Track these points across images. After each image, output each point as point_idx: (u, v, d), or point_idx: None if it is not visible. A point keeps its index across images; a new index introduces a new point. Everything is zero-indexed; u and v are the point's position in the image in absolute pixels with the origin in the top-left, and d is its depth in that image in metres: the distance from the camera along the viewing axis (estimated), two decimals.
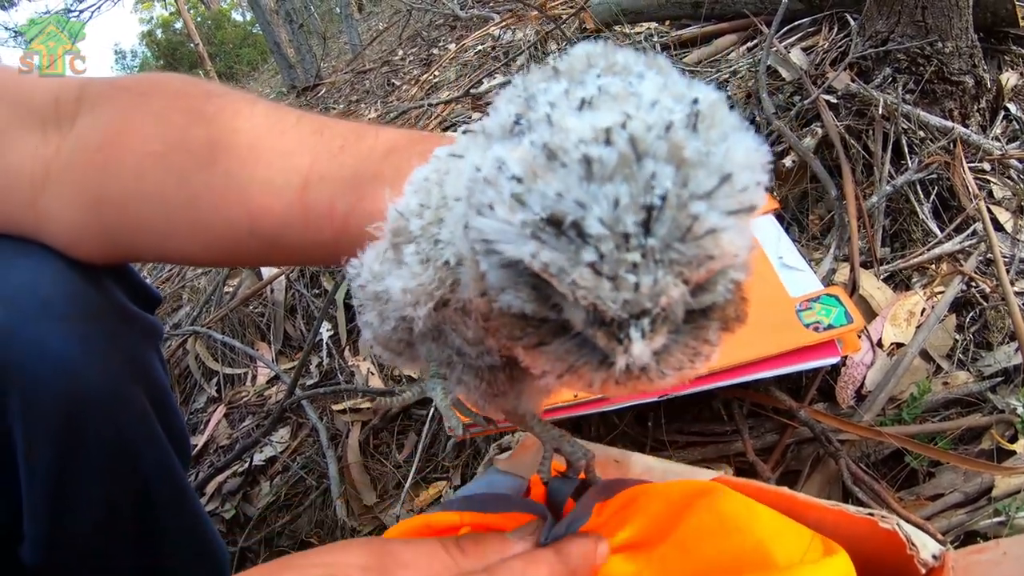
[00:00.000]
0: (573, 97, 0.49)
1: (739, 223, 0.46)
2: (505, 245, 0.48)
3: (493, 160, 0.49)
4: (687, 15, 3.42)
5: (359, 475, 2.07)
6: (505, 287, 0.53)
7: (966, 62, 2.11)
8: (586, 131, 0.46)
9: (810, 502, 1.04)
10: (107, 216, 1.05)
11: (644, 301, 0.46)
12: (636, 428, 1.64)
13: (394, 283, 0.68)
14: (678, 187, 0.44)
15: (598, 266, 0.45)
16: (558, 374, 0.56)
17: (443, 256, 0.64)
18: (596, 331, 0.50)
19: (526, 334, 0.55)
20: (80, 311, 1.08)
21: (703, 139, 0.46)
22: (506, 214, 0.47)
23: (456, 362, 0.78)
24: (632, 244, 0.45)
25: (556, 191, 0.45)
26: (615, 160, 0.44)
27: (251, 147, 0.99)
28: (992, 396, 1.51)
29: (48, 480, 1.12)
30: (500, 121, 0.55)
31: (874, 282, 1.78)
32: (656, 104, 0.47)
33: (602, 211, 0.44)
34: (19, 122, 1.06)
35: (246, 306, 3.13)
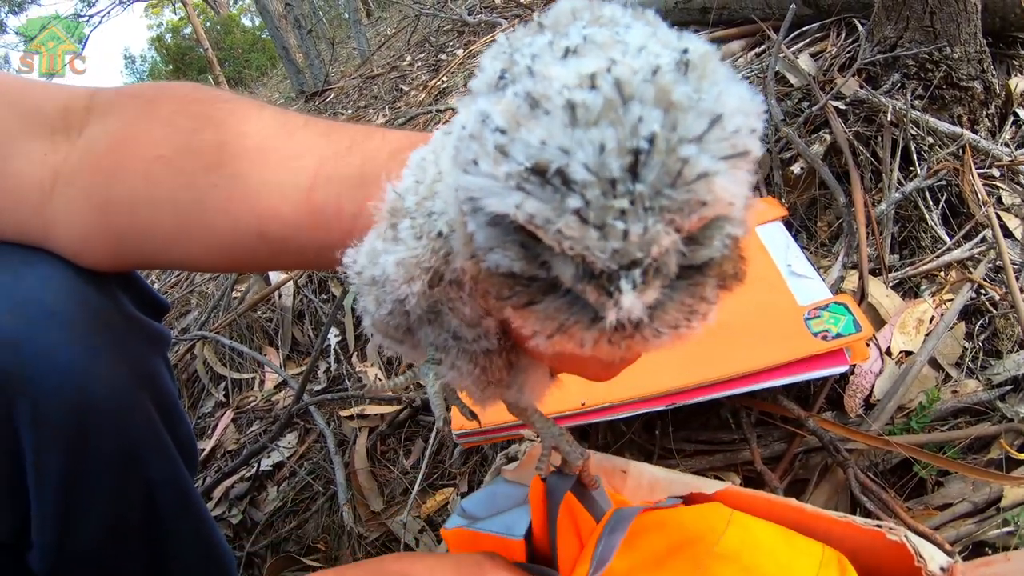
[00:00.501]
0: (557, 47, 0.48)
1: (732, 168, 0.45)
2: (490, 199, 0.47)
3: (477, 114, 0.48)
4: (695, 20, 3.41)
5: (366, 481, 2.07)
6: (493, 246, 0.52)
7: (975, 67, 2.11)
8: (570, 77, 0.44)
9: (818, 514, 1.04)
10: (115, 221, 1.05)
11: (634, 250, 0.44)
12: (643, 436, 1.64)
13: (388, 259, 0.68)
14: (666, 130, 0.43)
15: (584, 213, 0.43)
16: (548, 334, 0.54)
17: (436, 227, 0.63)
18: (586, 285, 0.48)
19: (515, 293, 0.53)
20: (87, 320, 1.08)
21: (693, 85, 0.44)
22: (490, 167, 0.46)
23: (451, 346, 0.77)
24: (619, 190, 0.43)
25: (539, 139, 0.44)
26: (600, 104, 0.43)
27: (259, 150, 0.99)
28: (1001, 405, 1.51)
29: (57, 488, 1.12)
30: (486, 79, 0.53)
31: (883, 289, 1.77)
32: (643, 49, 0.46)
33: (587, 156, 0.43)
34: (29, 130, 1.06)
35: (254, 311, 3.13)
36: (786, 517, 1.06)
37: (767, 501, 1.08)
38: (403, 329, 0.78)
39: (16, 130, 1.06)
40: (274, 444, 2.41)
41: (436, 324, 0.75)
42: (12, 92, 1.11)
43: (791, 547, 1.00)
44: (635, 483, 1.17)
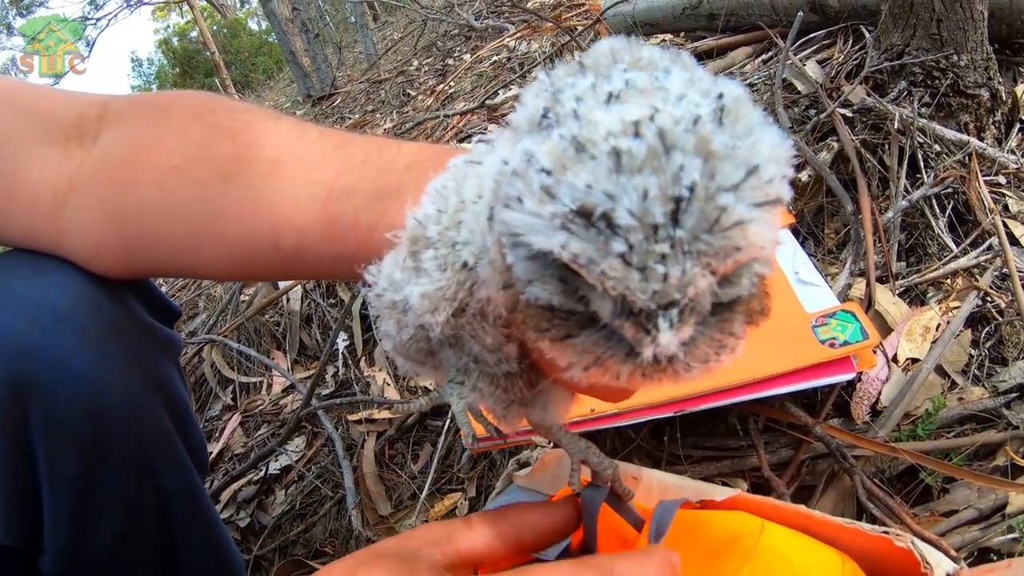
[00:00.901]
0: (600, 91, 0.49)
1: (766, 215, 0.47)
2: (534, 237, 0.48)
3: (522, 153, 0.49)
4: (702, 27, 3.43)
5: (374, 485, 2.08)
6: (532, 279, 0.53)
7: (981, 75, 2.11)
8: (615, 124, 0.46)
9: (826, 520, 1.05)
10: (128, 229, 1.06)
11: (672, 292, 0.46)
12: (652, 442, 1.64)
13: (412, 290, 0.69)
14: (706, 179, 0.45)
15: (627, 257, 0.45)
16: (584, 366, 0.56)
17: (461, 258, 0.64)
18: (624, 322, 0.50)
19: (553, 326, 0.55)
20: (100, 326, 1.09)
21: (729, 133, 0.46)
22: (535, 206, 0.48)
23: (472, 369, 0.78)
24: (661, 235, 0.45)
25: (586, 183, 0.46)
26: (644, 152, 0.45)
27: (274, 161, 1.00)
28: (1007, 412, 1.51)
29: (70, 494, 1.13)
30: (527, 115, 0.54)
31: (890, 297, 1.78)
32: (683, 98, 0.47)
33: (631, 202, 0.45)
34: (42, 137, 1.07)
35: (262, 315, 3.14)
36: (794, 523, 1.07)
37: (775, 507, 1.09)
38: (424, 352, 0.79)
39: (31, 138, 1.07)
40: (282, 448, 2.42)
41: (457, 348, 0.76)
42: (26, 100, 1.12)
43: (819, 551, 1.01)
44: (646, 489, 1.18)
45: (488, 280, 0.62)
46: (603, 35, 3.87)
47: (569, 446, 0.94)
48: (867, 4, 2.65)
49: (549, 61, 4.01)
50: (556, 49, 4.06)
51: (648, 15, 3.64)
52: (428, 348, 0.78)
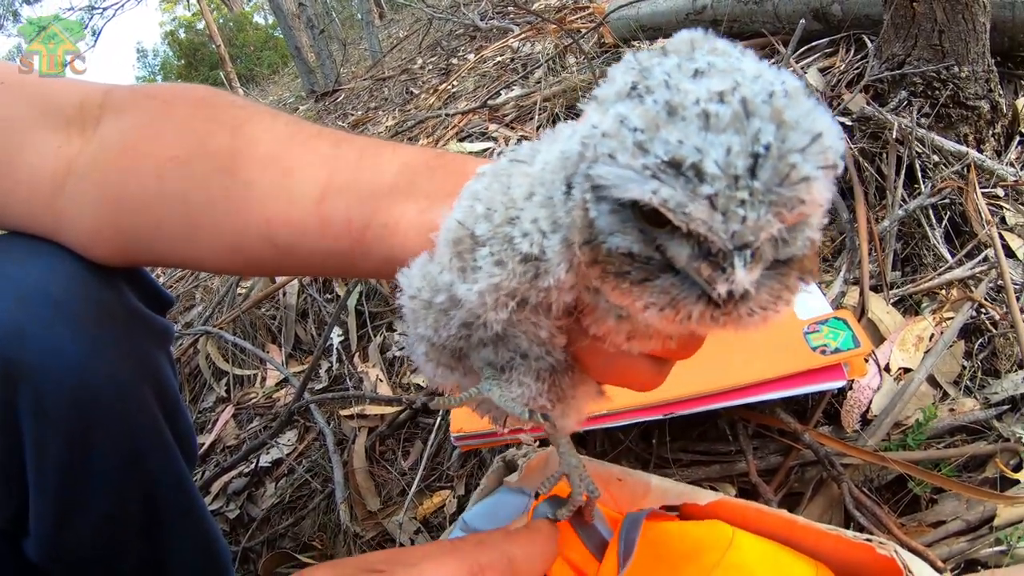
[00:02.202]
0: (686, 69, 0.56)
1: (825, 176, 0.53)
2: (627, 186, 0.54)
3: (614, 116, 0.56)
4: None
5: (364, 481, 2.08)
6: (614, 230, 0.60)
7: (982, 87, 2.12)
8: (703, 92, 0.53)
9: (809, 526, 1.05)
10: (125, 218, 1.06)
11: (748, 234, 0.53)
12: (641, 445, 1.65)
13: (467, 289, 0.71)
14: (779, 141, 0.52)
15: (714, 200, 0.52)
16: (660, 307, 0.60)
17: (521, 250, 0.68)
18: (701, 263, 0.56)
19: (634, 268, 0.60)
20: (92, 312, 1.10)
21: (796, 108, 0.53)
22: (628, 159, 0.54)
23: (518, 364, 0.81)
24: (741, 184, 0.52)
25: (677, 139, 0.52)
26: (729, 116, 0.52)
27: (272, 157, 1.00)
28: (998, 424, 1.51)
29: (56, 477, 1.13)
30: (615, 89, 0.60)
31: (883, 306, 1.78)
32: (759, 78, 0.55)
33: (717, 155, 0.51)
34: (44, 122, 1.08)
35: (258, 308, 3.15)
36: (777, 529, 1.07)
37: (758, 512, 1.09)
38: (458, 355, 0.83)
39: (32, 122, 1.08)
40: (274, 441, 2.42)
41: (501, 345, 0.79)
42: (29, 85, 1.13)
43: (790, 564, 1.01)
44: (631, 491, 1.18)
45: (557, 259, 0.67)
46: (606, 37, 3.88)
47: (564, 455, 0.95)
48: (870, 13, 2.65)
49: (552, 62, 4.01)
50: (559, 51, 4.06)
51: (652, 19, 3.65)
52: (465, 349, 0.82)
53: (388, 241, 0.92)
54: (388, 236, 0.92)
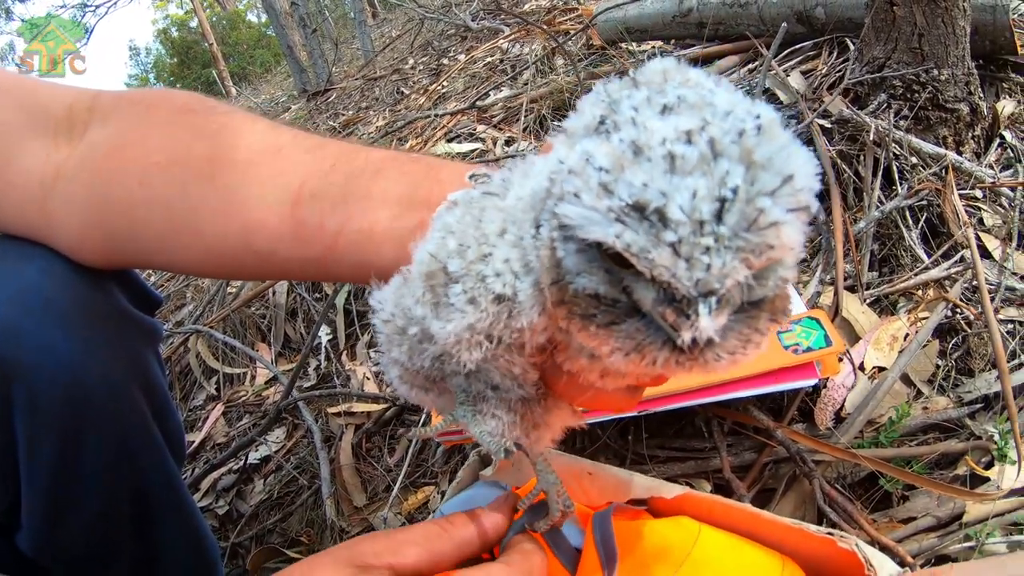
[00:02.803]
0: (655, 103, 0.56)
1: (796, 219, 0.52)
2: (590, 228, 0.54)
3: (580, 153, 0.55)
4: (691, 35, 3.46)
5: (350, 477, 2.10)
6: (581, 271, 0.59)
7: (962, 89, 2.14)
8: (669, 131, 0.52)
9: (773, 520, 1.07)
10: (110, 221, 1.08)
11: (713, 281, 0.52)
12: (619, 441, 1.67)
13: (442, 327, 0.70)
14: (747, 184, 0.51)
15: (677, 247, 0.51)
16: (626, 352, 0.60)
17: (494, 290, 0.67)
18: (665, 309, 0.55)
19: (600, 312, 0.60)
20: (83, 313, 1.12)
21: (769, 147, 0.52)
22: (592, 200, 0.53)
23: (490, 396, 0.81)
24: (706, 230, 0.51)
25: (642, 181, 0.51)
26: (696, 157, 0.51)
27: (248, 163, 1.03)
28: (970, 422, 1.54)
29: (48, 473, 1.15)
30: (584, 122, 0.60)
31: (859, 306, 1.80)
32: (730, 114, 0.54)
33: (683, 200, 0.50)
34: (34, 128, 1.10)
35: (248, 307, 3.16)
36: (742, 523, 1.09)
37: (724, 506, 1.11)
38: (433, 379, 0.83)
39: (22, 127, 1.10)
40: (262, 438, 2.44)
41: (474, 377, 0.79)
42: (20, 91, 1.15)
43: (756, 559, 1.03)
44: (601, 485, 1.20)
45: (529, 302, 0.66)
46: (594, 39, 3.90)
47: (540, 472, 0.96)
48: (853, 17, 2.68)
49: (540, 63, 4.03)
50: (547, 52, 4.08)
51: (639, 22, 3.67)
52: (440, 376, 0.81)
53: (362, 247, 0.94)
54: (362, 242, 0.94)
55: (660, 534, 1.05)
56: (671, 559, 1.00)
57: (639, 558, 1.02)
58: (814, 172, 0.54)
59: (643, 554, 1.03)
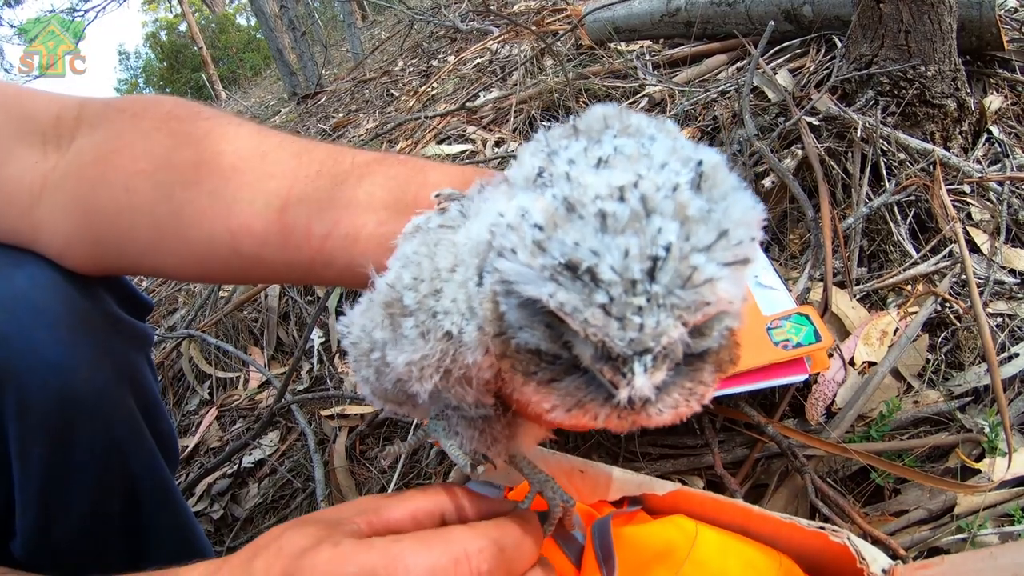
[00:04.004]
0: (591, 155, 0.57)
1: (734, 273, 0.52)
2: (525, 285, 0.54)
3: (517, 208, 0.55)
4: (680, 34, 3.47)
5: (344, 479, 2.10)
6: (523, 325, 0.59)
7: (948, 85, 2.15)
8: (602, 188, 0.52)
9: (765, 515, 1.08)
10: (97, 228, 1.09)
11: (647, 340, 0.52)
12: (610, 440, 1.67)
13: (396, 357, 0.72)
14: (681, 240, 0.51)
15: (608, 308, 0.51)
16: (567, 408, 0.61)
17: (443, 327, 0.68)
18: (603, 366, 0.55)
19: (540, 369, 0.61)
20: (72, 319, 1.13)
21: (705, 198, 0.53)
22: (527, 258, 0.53)
23: (451, 415, 0.83)
24: (639, 289, 0.50)
25: (574, 240, 0.51)
26: (627, 215, 0.51)
27: (234, 168, 1.04)
28: (961, 415, 1.54)
29: (40, 477, 1.16)
30: (524, 173, 0.61)
31: (848, 301, 1.81)
32: (665, 166, 0.54)
33: (614, 260, 0.50)
34: (22, 137, 1.11)
35: (240, 311, 3.16)
36: (734, 518, 1.10)
37: (716, 502, 1.12)
38: (403, 396, 0.83)
39: (11, 137, 1.11)
40: (256, 442, 2.44)
41: (435, 399, 0.79)
42: (8, 100, 1.15)
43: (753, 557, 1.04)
44: (592, 482, 1.21)
45: (474, 344, 0.67)
46: (583, 40, 3.90)
47: (530, 476, 0.97)
48: (841, 15, 2.69)
49: (530, 64, 4.03)
50: (536, 53, 4.08)
51: (627, 21, 3.68)
52: (407, 395, 0.82)
53: (349, 251, 0.96)
54: (349, 246, 0.96)
55: (658, 536, 1.06)
56: (670, 561, 1.01)
57: (639, 561, 1.03)
58: (756, 220, 0.54)
59: (643, 557, 1.03)
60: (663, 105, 2.99)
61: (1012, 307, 1.75)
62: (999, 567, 0.93)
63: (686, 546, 1.03)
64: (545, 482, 0.96)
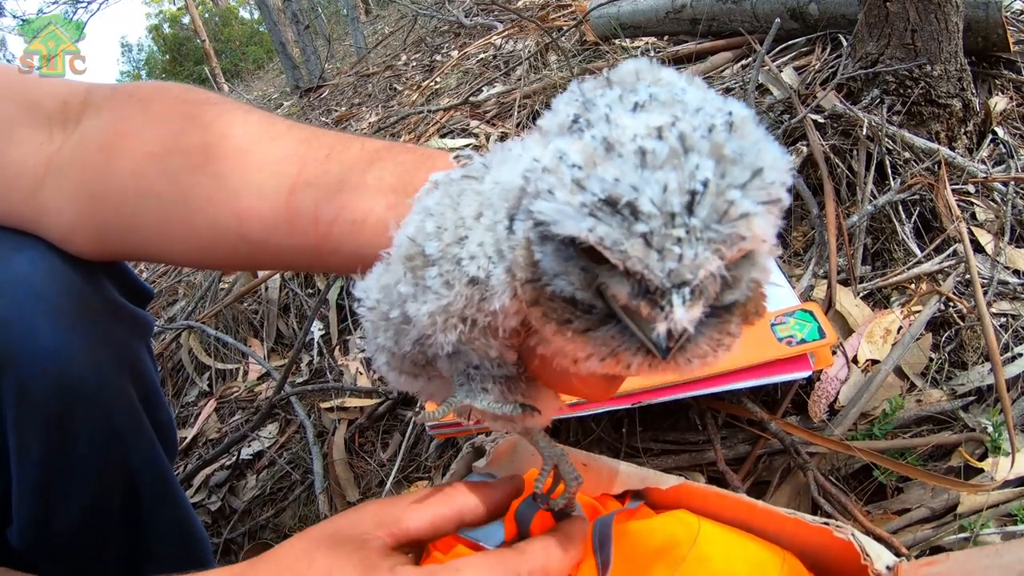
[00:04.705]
0: (627, 101, 0.58)
1: (767, 211, 0.54)
2: (565, 222, 0.55)
3: (554, 151, 0.57)
4: (685, 31, 3.46)
5: (343, 472, 2.10)
6: (558, 272, 0.60)
7: (954, 85, 2.15)
8: (640, 128, 0.54)
9: (769, 510, 1.07)
10: (103, 212, 1.08)
11: (686, 272, 0.53)
12: (613, 435, 1.67)
13: (418, 308, 0.72)
14: (717, 177, 0.52)
15: (648, 238, 0.52)
16: (601, 357, 0.63)
17: (468, 273, 0.68)
18: (640, 301, 0.56)
19: (576, 318, 0.61)
20: (73, 305, 1.12)
21: (739, 142, 0.54)
22: (566, 196, 0.55)
23: (474, 375, 0.82)
24: (678, 222, 0.52)
25: (613, 176, 0.53)
26: (666, 152, 0.52)
27: (242, 152, 1.03)
28: (964, 415, 1.54)
29: (38, 465, 1.15)
30: (558, 121, 0.63)
31: (852, 299, 1.81)
32: (700, 110, 0.56)
33: (653, 193, 0.52)
34: (27, 120, 1.10)
35: (240, 303, 3.16)
36: (738, 513, 1.09)
37: (719, 497, 1.11)
38: (420, 364, 0.84)
39: (16, 120, 1.10)
40: (255, 434, 2.44)
41: (455, 358, 0.80)
42: (14, 84, 1.15)
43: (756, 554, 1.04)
44: (596, 475, 1.20)
45: (502, 288, 0.67)
46: (588, 35, 3.90)
47: (545, 450, 0.97)
48: (846, 13, 2.69)
49: (534, 59, 4.03)
50: (540, 48, 4.08)
51: (632, 18, 3.67)
52: (425, 360, 0.83)
53: (357, 237, 0.95)
54: (356, 232, 0.95)
55: (660, 532, 1.06)
56: (672, 557, 1.01)
57: (642, 558, 1.02)
58: (786, 167, 0.56)
59: (646, 553, 1.03)
60: None
61: (1016, 307, 1.75)
62: (1004, 564, 0.93)
63: (688, 542, 1.03)
64: (561, 456, 0.97)
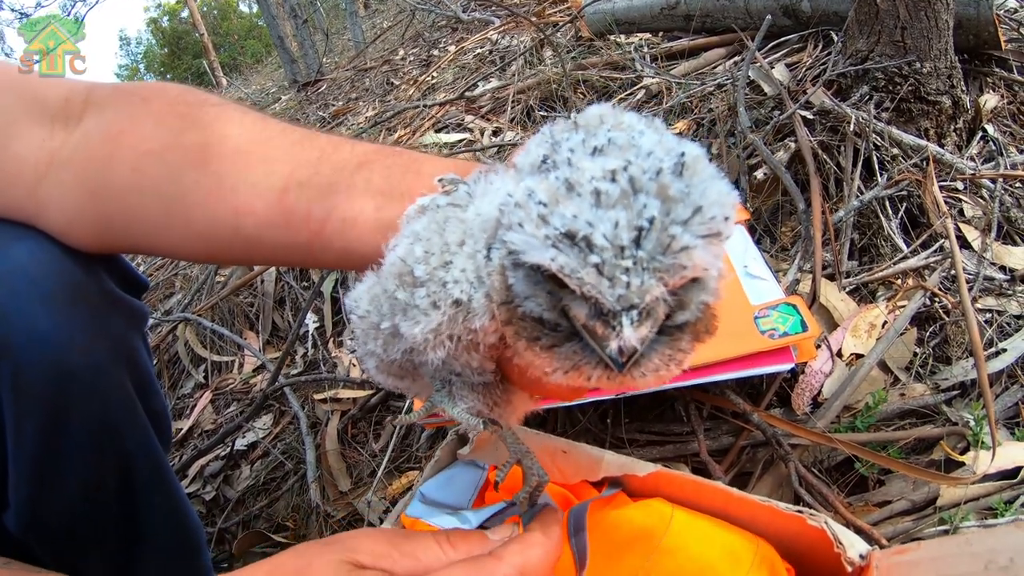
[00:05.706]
0: (588, 145, 0.66)
1: (707, 244, 0.61)
2: (531, 252, 0.62)
3: (524, 189, 0.64)
4: (678, 27, 3.47)
5: (336, 462, 2.12)
6: (528, 295, 0.68)
7: (944, 83, 2.16)
8: (597, 171, 0.61)
9: (743, 498, 1.09)
10: (103, 207, 1.11)
11: (633, 297, 0.60)
12: (598, 426, 1.69)
13: (409, 327, 0.79)
14: (662, 215, 0.59)
15: (601, 268, 0.59)
16: (565, 370, 0.69)
17: (453, 295, 0.75)
18: (596, 322, 0.63)
19: (543, 335, 0.69)
20: (69, 293, 1.14)
21: (685, 182, 0.61)
22: (533, 229, 0.62)
23: (454, 381, 0.90)
24: (626, 254, 0.59)
25: (572, 213, 0.60)
26: (618, 193, 0.60)
27: (239, 152, 1.06)
28: (947, 409, 1.56)
29: (34, 450, 1.17)
30: (530, 160, 0.71)
31: (837, 293, 1.82)
32: (651, 154, 0.63)
33: (606, 229, 0.59)
34: (30, 116, 1.12)
35: (236, 295, 3.17)
36: (713, 501, 1.11)
37: (696, 484, 1.13)
38: (407, 369, 0.91)
39: (19, 115, 1.12)
40: (249, 424, 2.46)
41: (439, 367, 0.86)
42: (16, 81, 1.17)
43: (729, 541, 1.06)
44: (575, 462, 1.22)
45: (481, 310, 0.75)
46: (583, 31, 3.91)
47: (511, 446, 1.02)
48: (839, 10, 2.70)
49: (529, 55, 4.04)
50: (536, 44, 4.09)
51: (627, 14, 3.68)
52: (412, 366, 0.90)
53: (347, 235, 1.00)
54: (347, 231, 1.00)
55: (634, 522, 1.08)
56: (645, 546, 1.03)
57: (615, 547, 1.05)
58: (731, 202, 0.62)
59: (619, 542, 1.05)
60: (660, 97, 3.00)
61: (1001, 303, 1.76)
62: (974, 553, 0.95)
63: (662, 531, 1.05)
64: (525, 453, 1.02)
